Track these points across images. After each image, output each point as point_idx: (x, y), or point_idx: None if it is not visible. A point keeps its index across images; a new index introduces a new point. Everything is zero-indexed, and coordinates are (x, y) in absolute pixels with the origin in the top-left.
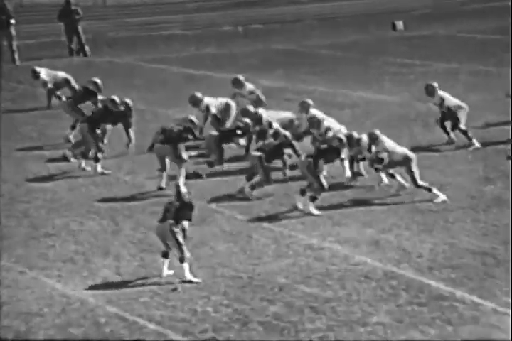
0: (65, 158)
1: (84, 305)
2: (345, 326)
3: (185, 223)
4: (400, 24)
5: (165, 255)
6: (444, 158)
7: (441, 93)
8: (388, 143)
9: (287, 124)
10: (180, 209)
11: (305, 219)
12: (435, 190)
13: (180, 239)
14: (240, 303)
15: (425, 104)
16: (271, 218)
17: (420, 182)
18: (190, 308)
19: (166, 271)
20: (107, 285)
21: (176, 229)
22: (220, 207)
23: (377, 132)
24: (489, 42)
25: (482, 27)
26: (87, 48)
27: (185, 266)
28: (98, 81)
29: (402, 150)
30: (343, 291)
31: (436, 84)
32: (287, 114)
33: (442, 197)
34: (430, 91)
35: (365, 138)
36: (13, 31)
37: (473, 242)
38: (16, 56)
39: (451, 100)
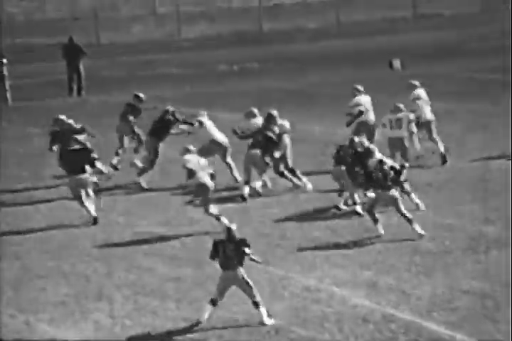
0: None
1: None
2: None
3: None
4: (397, 63)
5: (214, 302)
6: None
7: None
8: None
9: None
10: (237, 250)
11: (302, 260)
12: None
13: (251, 283)
14: None
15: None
16: (267, 259)
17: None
18: None
19: (205, 317)
20: (99, 329)
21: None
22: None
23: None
24: (487, 81)
25: (480, 66)
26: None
27: (263, 310)
28: (141, 94)
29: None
30: (340, 334)
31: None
32: None
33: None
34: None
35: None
36: (5, 71)
37: (473, 284)
38: (9, 96)
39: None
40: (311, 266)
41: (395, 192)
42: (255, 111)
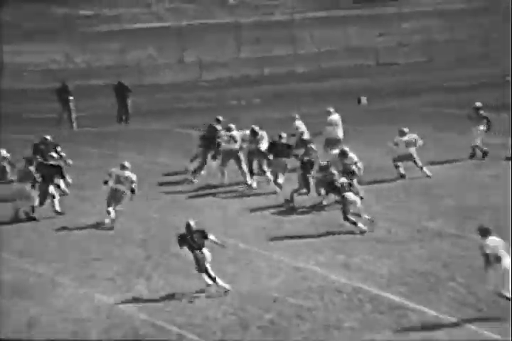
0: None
1: (123, 313)
2: (324, 329)
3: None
4: (364, 99)
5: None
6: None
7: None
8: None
9: None
10: (201, 237)
11: (292, 247)
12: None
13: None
14: (243, 311)
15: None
16: (266, 246)
17: None
18: (204, 315)
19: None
20: (139, 298)
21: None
22: (227, 236)
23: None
24: (451, 115)
25: (445, 100)
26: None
27: (219, 280)
28: (220, 117)
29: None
30: (321, 302)
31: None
32: None
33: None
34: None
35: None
36: (72, 106)
37: (420, 265)
38: (75, 124)
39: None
40: (298, 251)
41: (350, 195)
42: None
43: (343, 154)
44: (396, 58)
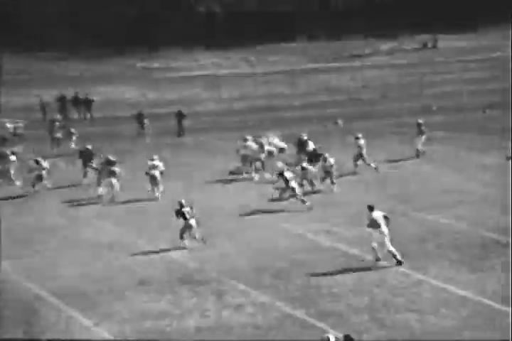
0: None
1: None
2: (311, 274)
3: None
4: (340, 121)
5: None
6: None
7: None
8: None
9: None
10: (191, 211)
11: (293, 218)
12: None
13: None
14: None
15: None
16: (278, 219)
17: None
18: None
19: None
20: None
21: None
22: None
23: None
24: (399, 131)
25: (396, 123)
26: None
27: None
28: (305, 136)
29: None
30: (315, 255)
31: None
32: None
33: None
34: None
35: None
36: (146, 126)
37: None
38: (148, 139)
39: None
40: (299, 221)
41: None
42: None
43: (325, 159)
44: (361, 95)
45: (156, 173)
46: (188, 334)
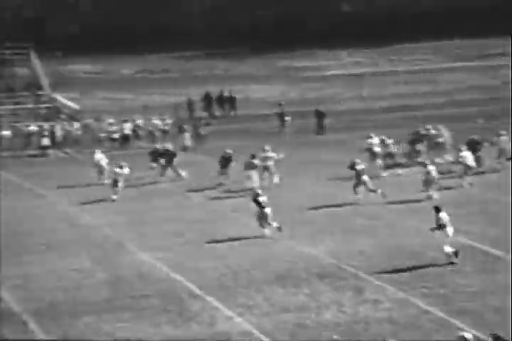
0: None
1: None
2: None
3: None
4: (480, 120)
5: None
6: None
7: None
8: None
9: None
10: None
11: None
12: None
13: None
14: None
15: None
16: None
17: None
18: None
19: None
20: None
21: None
22: None
23: None
24: None
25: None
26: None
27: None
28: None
29: None
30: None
31: None
32: None
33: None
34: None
35: None
36: (286, 124)
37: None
38: (287, 136)
39: None
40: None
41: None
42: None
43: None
44: (502, 93)
45: (269, 163)
46: (327, 328)
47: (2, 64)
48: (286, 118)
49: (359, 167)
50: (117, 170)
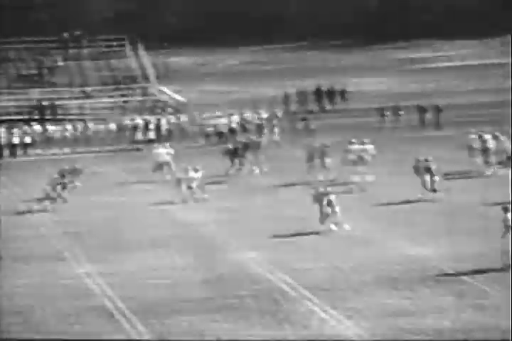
0: None
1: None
2: None
3: None
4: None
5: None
6: None
7: None
8: None
9: None
10: None
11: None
12: None
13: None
14: None
15: None
16: None
17: None
18: None
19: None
20: None
21: None
22: None
23: None
24: None
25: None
26: None
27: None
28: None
29: None
30: None
31: None
32: None
33: None
34: None
35: None
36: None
37: None
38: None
39: None
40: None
41: None
42: None
43: None
44: None
45: (365, 156)
46: (428, 334)
47: (108, 57)
48: (400, 112)
49: (426, 165)
50: (191, 174)
